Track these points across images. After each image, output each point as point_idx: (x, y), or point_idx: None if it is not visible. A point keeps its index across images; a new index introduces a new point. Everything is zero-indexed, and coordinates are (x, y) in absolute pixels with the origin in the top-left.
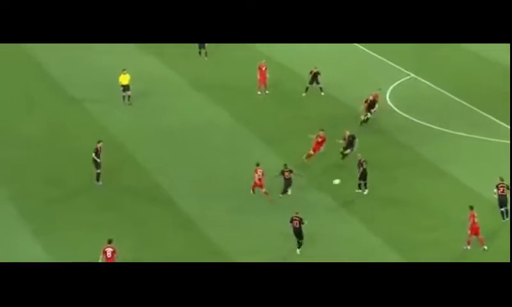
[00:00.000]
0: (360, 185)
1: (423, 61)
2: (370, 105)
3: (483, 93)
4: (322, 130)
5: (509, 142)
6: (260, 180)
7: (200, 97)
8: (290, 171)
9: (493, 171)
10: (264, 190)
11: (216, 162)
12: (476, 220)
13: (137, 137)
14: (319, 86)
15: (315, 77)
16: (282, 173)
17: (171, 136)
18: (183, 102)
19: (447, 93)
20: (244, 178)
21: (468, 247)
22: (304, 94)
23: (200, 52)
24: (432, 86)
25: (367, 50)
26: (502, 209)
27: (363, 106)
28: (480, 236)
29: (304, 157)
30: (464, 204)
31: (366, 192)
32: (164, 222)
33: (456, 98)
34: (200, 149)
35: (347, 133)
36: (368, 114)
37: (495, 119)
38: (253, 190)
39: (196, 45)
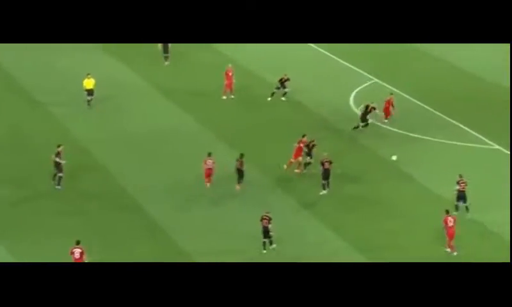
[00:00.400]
0: (323, 185)
1: (385, 65)
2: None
3: (444, 96)
4: (304, 135)
5: (471, 145)
6: (209, 169)
7: (165, 102)
8: (241, 163)
9: (456, 174)
10: (210, 179)
11: (180, 166)
12: (451, 225)
13: (101, 141)
14: (285, 90)
15: (283, 83)
16: (236, 160)
17: (136, 141)
18: (148, 106)
19: (409, 97)
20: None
21: (455, 253)
22: (269, 99)
23: (165, 57)
24: (395, 90)
25: (330, 55)
26: (462, 204)
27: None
28: (451, 242)
29: (285, 166)
30: (427, 206)
31: (326, 191)
32: (130, 227)
33: (418, 102)
34: (164, 154)
35: (311, 141)
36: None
37: (456, 123)
38: (208, 182)
39: (161, 50)
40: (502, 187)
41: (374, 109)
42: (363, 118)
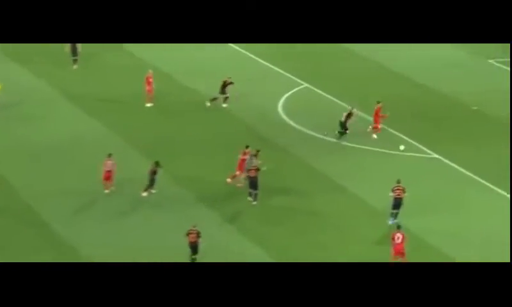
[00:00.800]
0: (250, 193)
1: (316, 69)
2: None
3: (376, 100)
4: (247, 146)
5: (408, 154)
6: (108, 172)
7: (73, 108)
8: (154, 171)
9: (391, 184)
10: (111, 183)
11: (90, 176)
12: (398, 241)
13: (3, 152)
14: (224, 96)
15: (225, 86)
16: (151, 166)
17: (41, 150)
18: (54, 113)
19: (340, 102)
20: (121, 194)
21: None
22: (225, 106)
23: (73, 60)
24: (326, 95)
25: (258, 59)
26: (394, 211)
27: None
28: (401, 258)
29: (229, 179)
30: (362, 218)
31: (253, 199)
32: (33, 243)
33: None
34: (72, 164)
35: (257, 151)
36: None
37: (391, 130)
38: (106, 187)
39: (69, 53)
40: (439, 195)
41: (351, 114)
42: (344, 124)
